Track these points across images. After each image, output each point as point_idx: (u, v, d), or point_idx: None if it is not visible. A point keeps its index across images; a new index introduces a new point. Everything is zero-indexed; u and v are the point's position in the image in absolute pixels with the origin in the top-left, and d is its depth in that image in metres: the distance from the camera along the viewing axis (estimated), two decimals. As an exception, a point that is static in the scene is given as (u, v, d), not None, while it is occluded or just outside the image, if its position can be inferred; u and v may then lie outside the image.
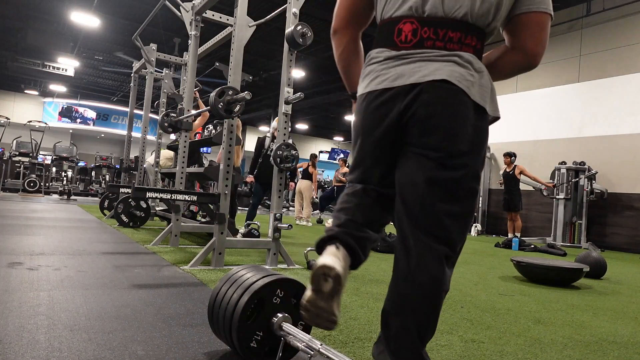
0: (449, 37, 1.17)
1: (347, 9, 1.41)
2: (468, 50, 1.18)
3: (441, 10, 1.17)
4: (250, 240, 3.70)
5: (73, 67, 14.82)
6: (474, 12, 1.17)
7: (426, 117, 1.16)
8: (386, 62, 1.26)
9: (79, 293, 2.30)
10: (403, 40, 1.22)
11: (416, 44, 1.20)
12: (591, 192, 8.24)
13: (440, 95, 1.15)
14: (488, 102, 1.21)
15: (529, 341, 2.05)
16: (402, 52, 1.22)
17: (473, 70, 1.18)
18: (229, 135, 3.51)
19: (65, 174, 14.72)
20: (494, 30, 1.26)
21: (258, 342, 1.47)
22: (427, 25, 1.18)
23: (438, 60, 1.17)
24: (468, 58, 1.18)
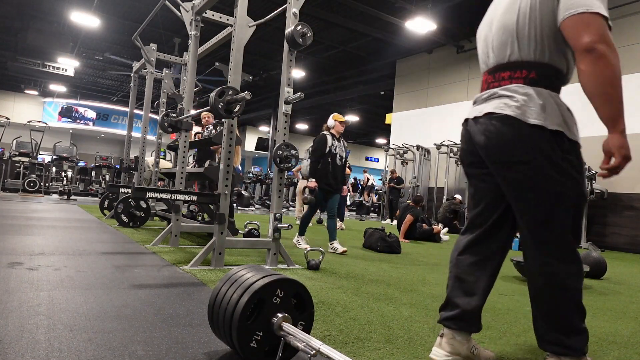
0: (501, 77, 1.57)
1: None
2: (518, 82, 1.51)
3: (494, 61, 1.60)
4: (250, 240, 3.70)
5: (73, 67, 14.82)
6: (514, 54, 1.53)
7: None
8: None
9: (79, 293, 2.30)
10: (481, 89, 1.67)
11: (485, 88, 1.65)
12: (591, 192, 8.24)
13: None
14: (535, 116, 1.46)
15: (529, 341, 2.05)
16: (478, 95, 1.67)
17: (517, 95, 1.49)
18: (229, 135, 3.51)
19: (65, 174, 14.72)
20: (551, 54, 1.51)
21: (258, 342, 1.47)
22: (489, 73, 1.63)
23: (492, 98, 1.57)
24: (514, 88, 1.51)
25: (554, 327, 1.51)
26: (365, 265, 4.06)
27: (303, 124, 25.50)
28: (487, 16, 1.71)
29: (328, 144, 4.81)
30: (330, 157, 4.81)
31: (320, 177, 4.75)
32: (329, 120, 4.99)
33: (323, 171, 4.77)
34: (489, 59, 1.63)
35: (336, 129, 4.94)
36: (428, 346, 1.86)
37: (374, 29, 11.02)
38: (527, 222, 1.54)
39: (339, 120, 4.96)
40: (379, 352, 1.73)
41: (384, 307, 2.46)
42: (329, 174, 4.79)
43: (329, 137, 4.86)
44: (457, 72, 11.87)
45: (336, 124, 4.94)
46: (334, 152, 4.84)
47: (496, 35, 1.59)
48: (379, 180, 17.98)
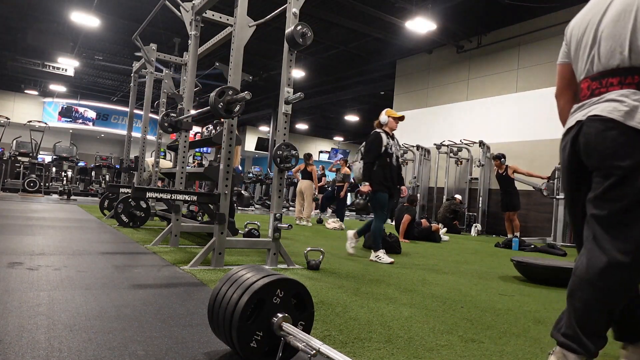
0: (609, 82, 1.56)
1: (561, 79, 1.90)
2: (630, 87, 1.51)
3: (600, 67, 1.60)
4: (250, 240, 3.70)
5: (73, 67, 14.83)
6: (624, 61, 1.52)
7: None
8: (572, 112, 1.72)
9: (79, 293, 2.30)
10: (583, 95, 1.68)
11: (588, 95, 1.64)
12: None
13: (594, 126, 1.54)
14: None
15: (529, 341, 2.05)
16: (579, 104, 1.68)
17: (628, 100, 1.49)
18: (229, 135, 3.51)
19: (65, 174, 14.72)
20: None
21: (258, 342, 1.47)
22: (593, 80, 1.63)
23: (598, 102, 1.57)
24: (625, 93, 1.50)
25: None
26: (365, 265, 4.06)
27: (303, 124, 25.50)
28: (583, 22, 1.72)
29: (383, 143, 4.33)
30: (387, 158, 4.35)
31: (376, 181, 4.28)
32: (381, 116, 4.50)
33: (379, 174, 4.30)
34: (592, 66, 1.63)
35: (390, 125, 4.48)
36: (428, 346, 1.86)
37: (374, 29, 11.02)
38: (607, 225, 1.49)
39: (393, 116, 4.47)
40: (379, 352, 1.73)
41: (384, 307, 2.46)
42: (386, 176, 4.33)
43: (384, 136, 4.37)
44: (457, 72, 11.87)
45: (390, 120, 4.46)
46: (389, 151, 4.37)
47: (604, 42, 1.60)
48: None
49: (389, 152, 4.37)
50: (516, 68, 10.41)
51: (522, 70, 10.29)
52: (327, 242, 5.75)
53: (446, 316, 2.38)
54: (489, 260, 5.09)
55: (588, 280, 1.48)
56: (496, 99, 10.77)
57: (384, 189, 4.31)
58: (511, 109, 10.38)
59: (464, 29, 11.02)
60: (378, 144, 4.35)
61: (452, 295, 2.97)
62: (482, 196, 10.46)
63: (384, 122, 4.48)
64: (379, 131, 4.45)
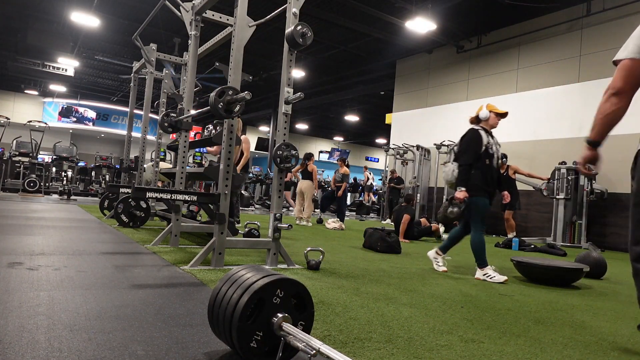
0: None
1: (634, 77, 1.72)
2: None
3: None
4: (250, 240, 3.70)
5: (73, 67, 14.82)
6: None
7: None
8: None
9: (79, 293, 2.30)
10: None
11: None
12: (591, 192, 8.24)
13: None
14: None
15: (529, 341, 2.05)
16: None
17: None
18: (229, 135, 3.51)
19: (65, 174, 14.72)
20: None
21: (258, 342, 1.47)
22: None
23: None
24: None
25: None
26: (365, 265, 4.06)
27: (303, 124, 25.50)
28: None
29: (483, 141, 3.76)
30: (487, 159, 3.75)
31: (474, 185, 3.70)
32: (481, 112, 3.90)
33: (478, 177, 3.72)
34: None
35: (490, 122, 3.89)
36: (428, 346, 1.86)
37: (374, 29, 11.02)
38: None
39: (495, 111, 3.90)
40: (379, 352, 1.73)
41: (384, 307, 2.46)
42: (487, 180, 3.75)
43: (483, 133, 3.80)
44: (457, 72, 11.87)
45: (491, 116, 3.88)
46: (490, 151, 3.78)
47: None
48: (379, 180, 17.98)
49: (489, 152, 3.78)
50: (516, 68, 10.41)
51: (522, 70, 10.29)
52: (327, 242, 5.75)
53: (446, 316, 2.38)
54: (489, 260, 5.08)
55: None
56: (496, 99, 10.76)
57: (484, 194, 3.75)
58: (511, 109, 10.37)
59: (464, 29, 11.02)
60: (477, 143, 3.75)
61: (452, 295, 2.97)
62: (482, 196, 10.45)
63: (484, 118, 3.87)
64: (477, 128, 3.85)
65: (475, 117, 3.94)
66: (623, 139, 8.38)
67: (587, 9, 9.01)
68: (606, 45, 8.72)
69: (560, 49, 9.53)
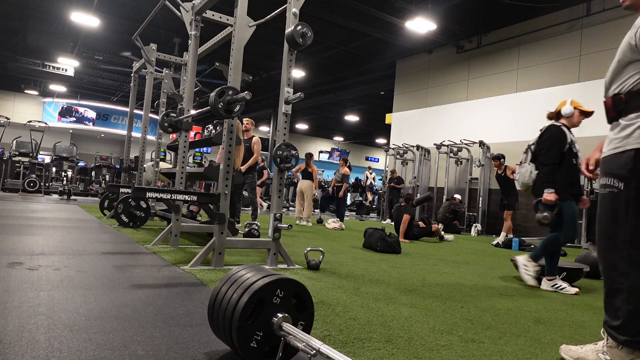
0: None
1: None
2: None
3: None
4: (250, 240, 3.70)
5: (73, 67, 14.82)
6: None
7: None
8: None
9: (79, 293, 2.30)
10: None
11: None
12: (591, 192, 8.24)
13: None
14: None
15: (529, 341, 2.05)
16: None
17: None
18: (229, 135, 3.51)
19: (65, 174, 14.72)
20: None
21: (258, 342, 1.47)
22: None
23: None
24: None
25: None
26: (365, 265, 4.06)
27: (303, 124, 25.51)
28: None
29: (567, 139, 3.42)
30: (572, 158, 3.43)
31: (560, 187, 3.37)
32: (563, 108, 3.54)
33: (564, 178, 3.41)
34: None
35: (574, 120, 3.53)
36: (428, 346, 1.86)
37: (374, 29, 11.02)
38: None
39: (580, 109, 3.55)
40: (379, 352, 1.73)
41: (384, 307, 2.46)
42: (572, 181, 3.45)
43: (566, 130, 3.45)
44: (457, 72, 11.87)
45: (575, 113, 3.53)
46: (574, 150, 3.45)
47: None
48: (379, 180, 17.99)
49: (573, 150, 3.44)
50: (516, 68, 10.41)
51: (522, 70, 10.29)
52: (327, 242, 5.75)
53: (446, 316, 2.38)
54: (489, 260, 5.09)
55: None
56: (496, 99, 10.77)
57: (570, 196, 3.41)
58: (511, 109, 10.38)
59: (464, 29, 11.03)
60: (561, 140, 3.40)
61: (452, 295, 2.97)
62: (482, 196, 10.46)
63: (567, 114, 3.51)
64: (558, 124, 3.49)
65: (556, 112, 3.59)
66: (623, 139, 8.41)
67: (587, 9, 9.02)
68: (606, 45, 8.72)
69: (560, 49, 9.53)
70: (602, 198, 1.75)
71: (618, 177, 1.69)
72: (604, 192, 1.73)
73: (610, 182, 1.71)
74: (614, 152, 1.71)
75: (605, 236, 1.75)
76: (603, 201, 1.75)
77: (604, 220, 1.74)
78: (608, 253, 1.74)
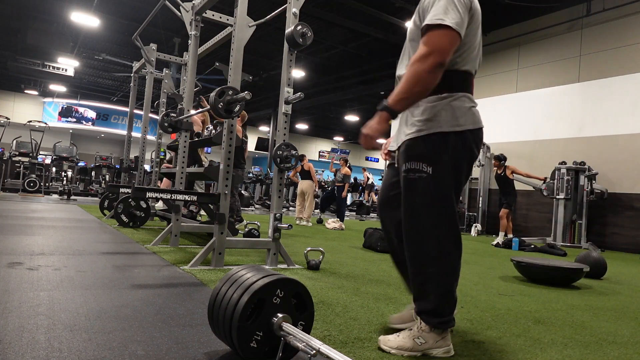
0: None
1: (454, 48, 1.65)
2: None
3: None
4: (250, 240, 3.70)
5: (73, 67, 14.83)
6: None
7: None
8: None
9: (79, 293, 2.30)
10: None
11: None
12: (591, 192, 8.24)
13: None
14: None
15: (529, 341, 2.05)
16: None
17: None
18: (229, 135, 3.51)
19: (65, 174, 14.72)
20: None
21: (258, 342, 1.47)
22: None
23: None
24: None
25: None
26: (365, 265, 4.06)
27: (303, 124, 25.50)
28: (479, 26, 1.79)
29: None
30: None
31: None
32: None
33: None
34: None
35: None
36: (428, 346, 1.86)
37: (374, 29, 11.01)
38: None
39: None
40: (379, 352, 1.73)
41: (384, 307, 2.46)
42: None
43: None
44: (457, 72, 11.86)
45: None
46: None
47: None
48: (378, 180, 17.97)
49: None
50: (516, 68, 10.41)
51: (522, 70, 10.29)
52: (327, 242, 5.76)
53: (446, 316, 2.38)
54: (489, 260, 5.09)
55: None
56: (496, 99, 10.77)
57: None
58: (511, 109, 10.38)
59: (464, 29, 11.01)
60: None
61: (452, 295, 2.97)
62: (482, 196, 10.46)
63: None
64: None
65: None
66: (623, 139, 8.40)
67: (587, 9, 9.01)
68: (606, 45, 8.72)
69: (560, 49, 9.53)
70: (410, 183, 1.73)
71: (426, 161, 1.69)
72: (412, 177, 1.71)
73: (419, 167, 1.70)
74: (420, 136, 1.71)
75: (413, 221, 1.74)
76: (411, 186, 1.73)
77: (412, 206, 1.73)
78: (416, 238, 1.74)
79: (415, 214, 1.73)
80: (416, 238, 1.74)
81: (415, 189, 1.72)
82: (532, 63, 10.07)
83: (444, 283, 1.71)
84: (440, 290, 1.71)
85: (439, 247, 1.71)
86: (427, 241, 1.72)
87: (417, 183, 1.71)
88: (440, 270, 1.71)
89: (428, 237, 1.71)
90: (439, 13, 1.61)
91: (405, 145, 1.77)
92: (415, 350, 1.71)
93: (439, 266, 1.71)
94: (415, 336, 1.73)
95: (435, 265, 1.71)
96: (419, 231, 1.73)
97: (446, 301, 1.72)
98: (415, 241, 1.75)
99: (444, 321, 1.71)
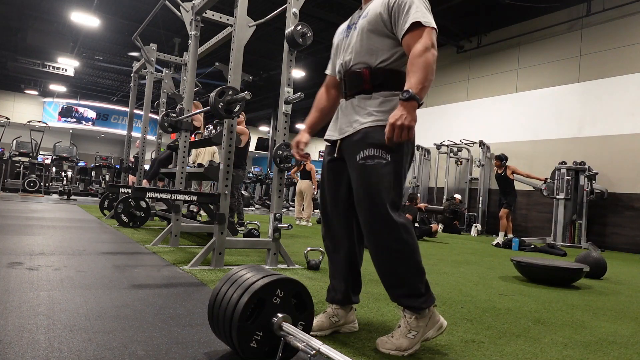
0: None
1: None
2: None
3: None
4: (250, 240, 3.70)
5: (73, 67, 14.83)
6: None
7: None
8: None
9: (79, 293, 2.30)
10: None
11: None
12: (591, 192, 8.24)
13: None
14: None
15: (529, 341, 2.05)
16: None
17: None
18: (229, 135, 3.51)
19: (65, 174, 14.72)
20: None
21: (258, 342, 1.47)
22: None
23: None
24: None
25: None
26: (365, 265, 4.04)
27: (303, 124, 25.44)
28: None
29: None
30: None
31: None
32: None
33: None
34: None
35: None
36: (428, 346, 1.86)
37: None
38: None
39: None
40: (379, 352, 1.73)
41: (384, 307, 2.46)
42: None
43: None
44: (457, 72, 11.87)
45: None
46: None
47: None
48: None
49: None
50: (516, 68, 10.41)
51: (522, 70, 10.29)
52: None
53: (446, 316, 2.38)
54: (489, 260, 5.09)
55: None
56: (496, 99, 10.77)
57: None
58: (511, 109, 10.38)
59: (464, 29, 11.02)
60: None
61: (452, 295, 2.97)
62: (482, 196, 10.46)
63: None
64: None
65: None
66: (623, 139, 8.40)
67: (587, 9, 9.02)
68: (606, 45, 8.73)
69: (560, 49, 9.53)
70: (368, 169, 1.77)
71: (385, 148, 1.76)
72: (370, 164, 1.76)
73: (378, 153, 1.76)
74: (379, 125, 1.78)
75: (372, 209, 1.76)
76: (369, 172, 1.77)
77: (370, 192, 1.76)
78: (376, 227, 1.76)
79: (372, 202, 1.76)
80: (374, 228, 1.78)
81: (373, 175, 1.76)
82: (532, 63, 10.07)
83: (413, 263, 1.77)
84: (411, 270, 1.76)
85: (403, 231, 1.76)
86: (388, 230, 1.75)
87: (376, 169, 1.76)
88: (411, 251, 1.77)
89: (388, 225, 1.75)
90: (426, 15, 1.76)
91: (363, 134, 1.82)
92: (412, 345, 1.73)
93: (409, 248, 1.77)
94: (405, 333, 1.75)
95: (405, 249, 1.76)
96: (376, 221, 1.77)
97: (419, 279, 1.78)
98: (374, 232, 1.79)
99: (425, 300, 1.77)
